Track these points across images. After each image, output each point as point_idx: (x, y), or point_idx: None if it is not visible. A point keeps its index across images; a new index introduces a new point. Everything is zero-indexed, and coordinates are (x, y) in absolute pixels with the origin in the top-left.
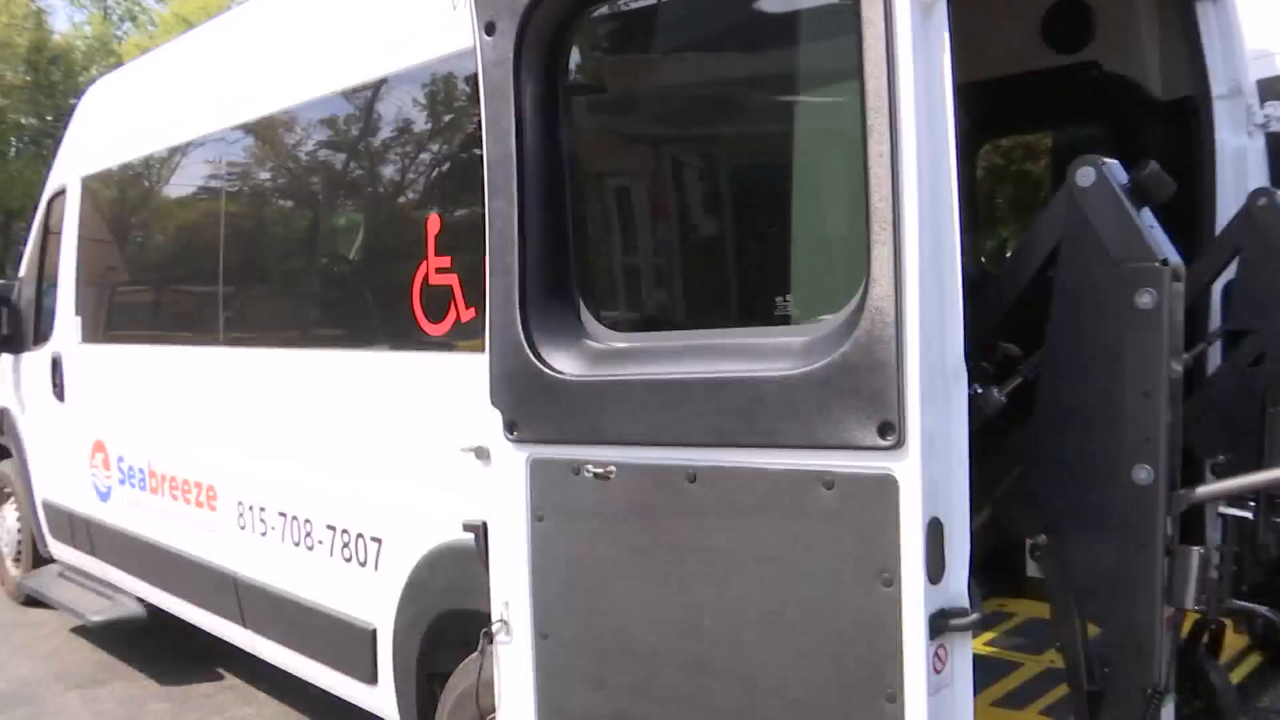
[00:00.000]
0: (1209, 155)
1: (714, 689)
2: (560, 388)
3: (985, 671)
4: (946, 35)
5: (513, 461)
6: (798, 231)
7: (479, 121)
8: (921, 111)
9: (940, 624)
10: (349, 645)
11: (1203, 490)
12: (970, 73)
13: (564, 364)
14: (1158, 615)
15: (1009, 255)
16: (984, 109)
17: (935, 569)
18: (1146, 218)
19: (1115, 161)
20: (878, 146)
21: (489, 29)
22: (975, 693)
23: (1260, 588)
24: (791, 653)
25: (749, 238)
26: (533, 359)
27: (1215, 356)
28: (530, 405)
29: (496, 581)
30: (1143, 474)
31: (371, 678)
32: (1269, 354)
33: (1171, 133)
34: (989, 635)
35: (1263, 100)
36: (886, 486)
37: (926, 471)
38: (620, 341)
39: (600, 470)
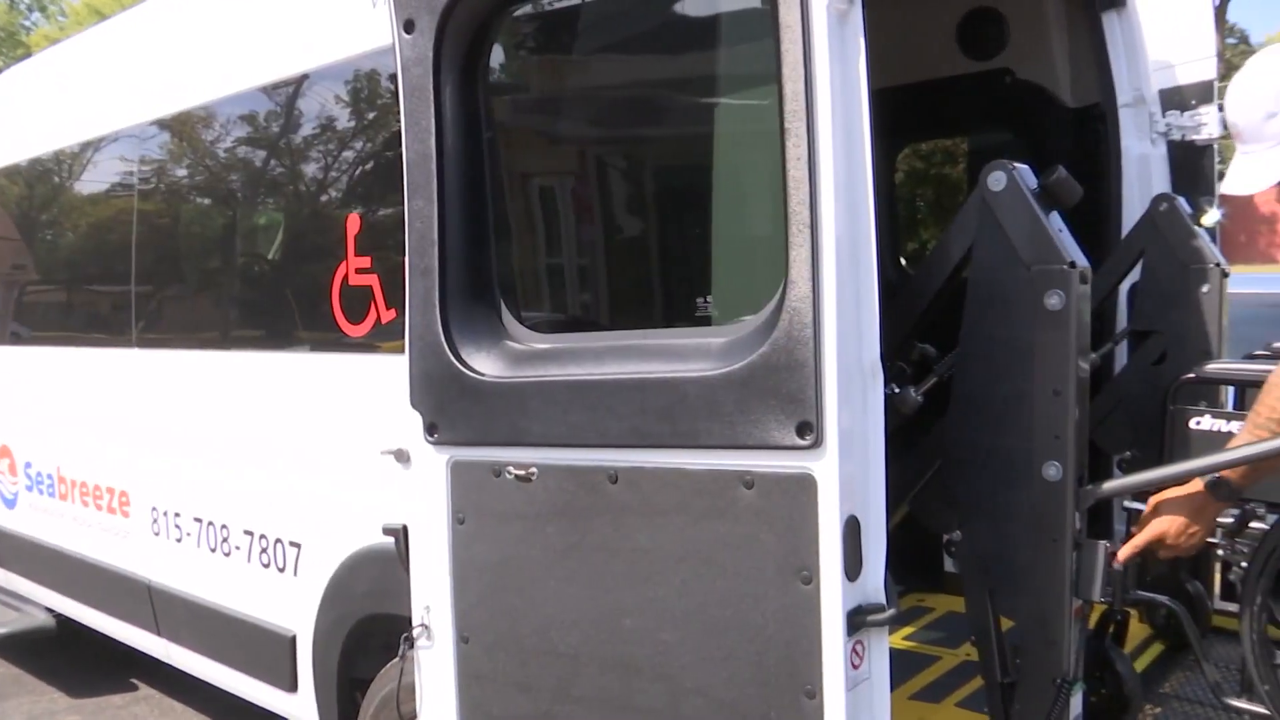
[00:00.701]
0: (1115, 160)
1: (637, 689)
2: (481, 389)
3: (904, 665)
4: (862, 40)
5: (433, 464)
6: (719, 233)
7: (400, 120)
8: (838, 115)
9: (858, 620)
10: (268, 652)
11: (1109, 485)
12: (890, 78)
13: (485, 365)
14: (1066, 607)
15: (926, 259)
16: (903, 114)
17: (853, 566)
18: (1055, 221)
19: (1025, 166)
20: (795, 149)
21: (408, 27)
22: (894, 686)
23: (1162, 579)
24: (713, 651)
25: (670, 239)
26: (453, 360)
27: (1122, 356)
28: (451, 407)
29: (417, 585)
30: (1052, 470)
31: (291, 685)
32: (1170, 353)
33: (1080, 138)
34: (907, 630)
35: (1164, 109)
36: (805, 485)
37: (844, 470)
38: (541, 343)
39: (522, 472)
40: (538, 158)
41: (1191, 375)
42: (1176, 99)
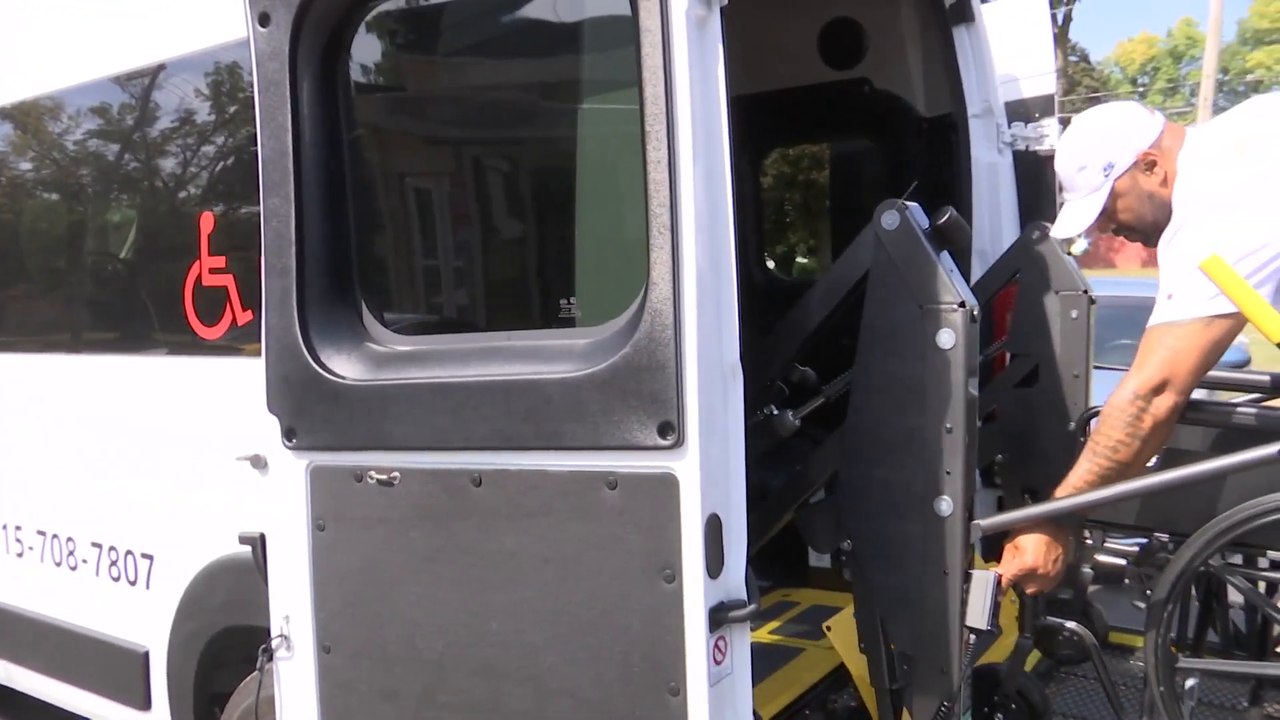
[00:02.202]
0: (966, 168)
1: (503, 693)
2: (341, 392)
3: (770, 659)
4: (721, 46)
5: (291, 470)
6: (583, 235)
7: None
8: (698, 119)
9: (720, 617)
10: (119, 670)
11: (997, 519)
12: (754, 84)
13: (345, 368)
14: (956, 637)
15: (814, 286)
16: (768, 120)
17: (714, 564)
18: (946, 261)
19: (916, 205)
20: (655, 153)
21: (263, 19)
22: (759, 680)
23: (1058, 603)
24: (579, 652)
25: (535, 241)
26: (311, 363)
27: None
28: (309, 411)
29: (276, 595)
30: (944, 505)
31: (144, 703)
32: (1042, 375)
33: (934, 147)
34: (773, 625)
35: (1009, 121)
36: (667, 485)
37: (705, 469)
38: (404, 344)
39: (384, 476)
40: (401, 157)
41: (1098, 409)
42: (1021, 111)
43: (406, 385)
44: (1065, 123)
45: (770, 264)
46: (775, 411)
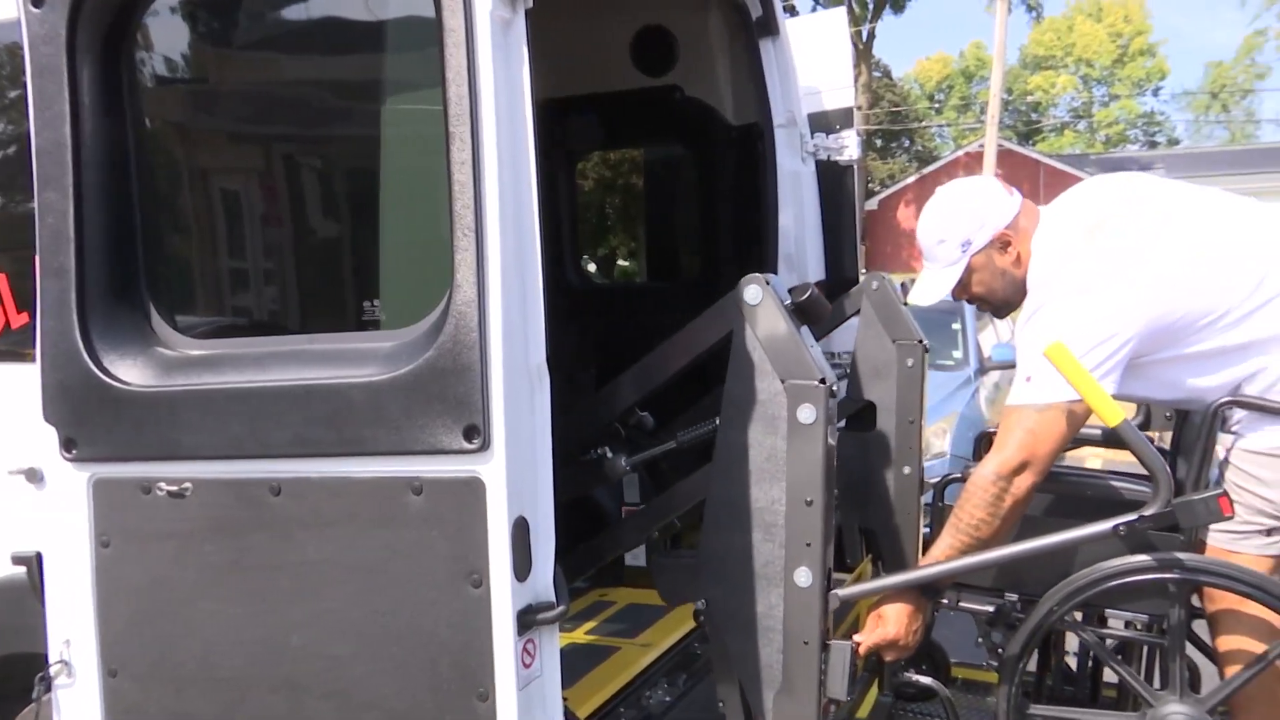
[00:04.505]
0: (772, 176)
1: (306, 709)
2: (127, 400)
3: (586, 658)
4: (525, 49)
5: (71, 483)
6: (386, 236)
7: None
8: (503, 121)
9: (528, 619)
10: None
11: (854, 589)
12: (568, 88)
13: (131, 374)
14: (816, 706)
15: (668, 342)
16: (582, 123)
17: (522, 567)
18: (807, 337)
19: (777, 278)
20: (460, 154)
21: (35, 0)
22: (575, 680)
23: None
24: (385, 663)
25: (335, 241)
26: (93, 369)
27: None
28: (91, 420)
29: (55, 618)
30: (803, 577)
31: None
32: (880, 421)
33: (742, 154)
34: (590, 624)
35: (812, 131)
36: (473, 489)
37: (512, 472)
38: (197, 349)
39: (175, 488)
40: (194, 152)
41: (958, 476)
42: (823, 122)
43: (199, 391)
44: (866, 135)
45: (592, 267)
46: (609, 454)
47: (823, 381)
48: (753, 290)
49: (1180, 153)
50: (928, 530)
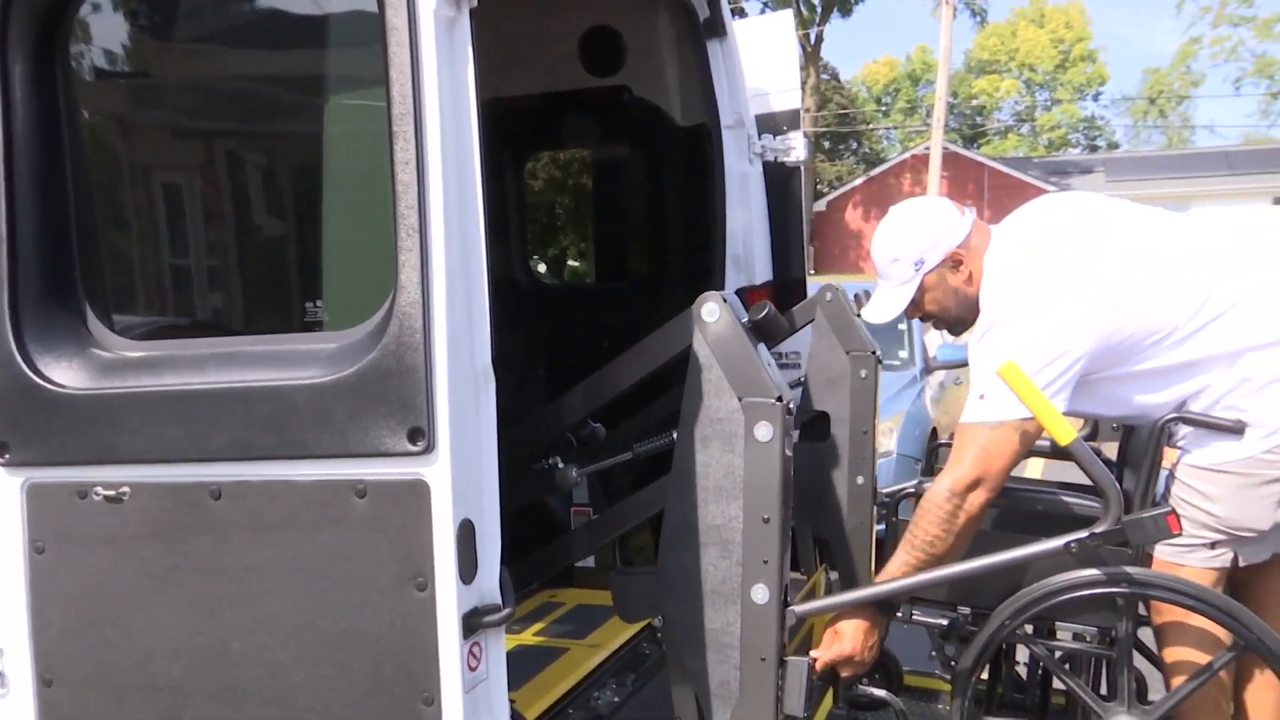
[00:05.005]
0: (719, 177)
1: (248, 715)
2: (62, 403)
3: (534, 660)
4: (470, 48)
5: (4, 488)
6: (330, 236)
7: None
8: (448, 120)
9: (474, 622)
10: None
11: (811, 606)
12: (516, 87)
13: (66, 376)
14: None
15: (623, 356)
16: (530, 123)
17: (467, 569)
18: (764, 354)
19: (735, 297)
20: (404, 153)
21: None
22: (524, 682)
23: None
24: (329, 667)
25: (278, 241)
26: (26, 371)
27: None
28: (24, 423)
29: None
30: (760, 594)
31: None
32: (835, 430)
33: (690, 155)
34: (539, 626)
35: (759, 133)
36: (418, 491)
37: (457, 474)
38: (134, 350)
39: (112, 492)
40: (131, 150)
41: (911, 491)
42: (770, 124)
43: (137, 394)
44: (815, 137)
45: (542, 267)
46: (560, 464)
47: (780, 399)
48: (710, 307)
49: (1120, 156)
50: (881, 529)
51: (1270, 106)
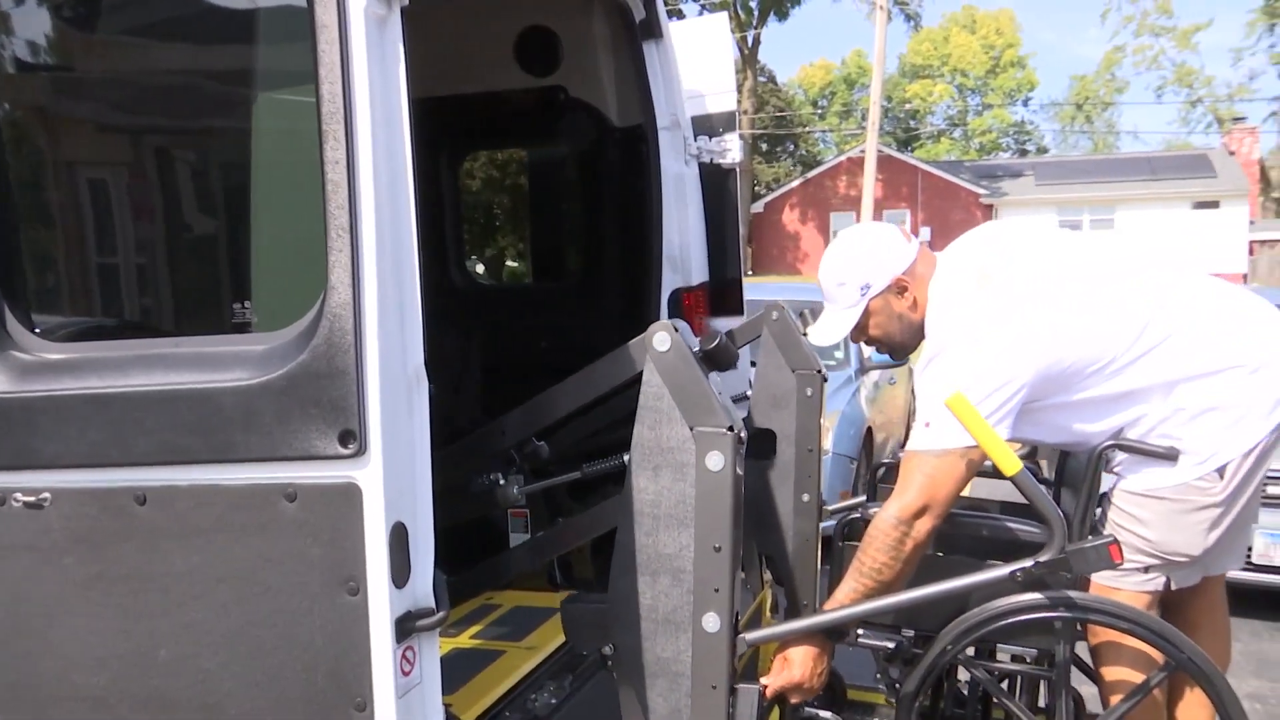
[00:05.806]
0: (656, 178)
1: None
2: None
3: (471, 663)
4: (402, 46)
5: None
6: (260, 236)
7: None
8: (379, 119)
9: (407, 626)
10: None
11: (760, 634)
12: (451, 86)
13: None
14: None
15: (569, 380)
16: (465, 122)
17: (400, 573)
18: (715, 383)
19: (686, 325)
20: (333, 152)
21: None
22: (460, 685)
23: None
24: (258, 675)
25: (205, 240)
26: None
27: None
28: None
29: None
30: (711, 622)
31: None
32: (780, 448)
33: (627, 156)
34: (476, 628)
35: (695, 135)
36: (349, 494)
37: (389, 477)
38: (55, 352)
39: (32, 499)
40: (53, 144)
41: (858, 516)
42: (706, 126)
43: (57, 397)
44: (752, 139)
45: (479, 268)
46: (502, 480)
47: (731, 429)
48: (661, 337)
49: (1048, 161)
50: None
51: (1189, 114)
